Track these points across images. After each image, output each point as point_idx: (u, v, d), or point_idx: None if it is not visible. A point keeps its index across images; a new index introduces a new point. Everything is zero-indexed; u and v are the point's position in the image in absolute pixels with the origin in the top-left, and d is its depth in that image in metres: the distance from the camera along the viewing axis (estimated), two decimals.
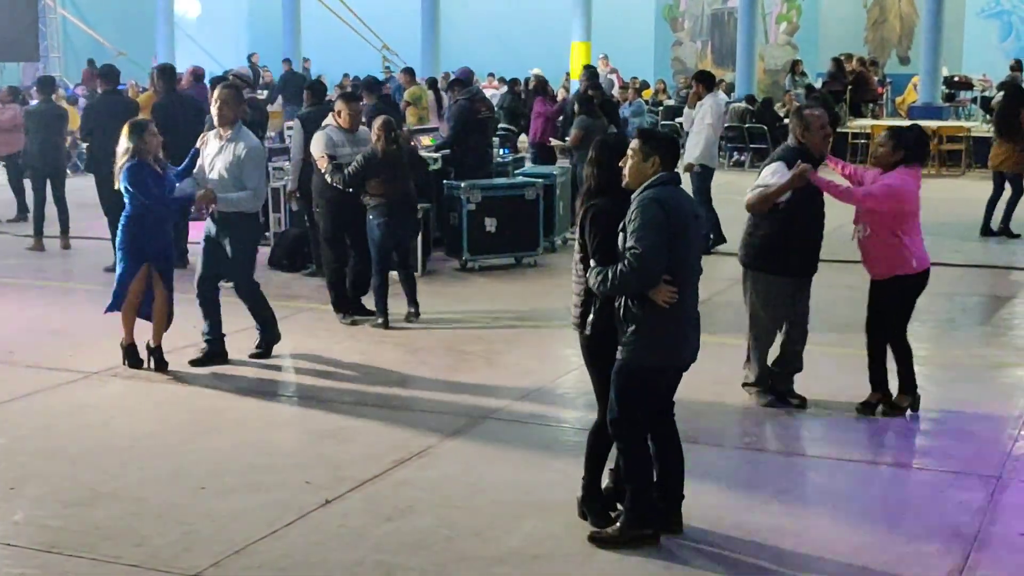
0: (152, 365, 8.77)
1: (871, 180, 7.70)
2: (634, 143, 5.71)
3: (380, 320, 10.15)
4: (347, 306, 10.48)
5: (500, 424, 7.74)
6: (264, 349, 9.27)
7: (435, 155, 13.67)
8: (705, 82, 14.38)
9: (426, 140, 14.49)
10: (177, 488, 6.58)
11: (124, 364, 8.81)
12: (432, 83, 21.68)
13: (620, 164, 5.71)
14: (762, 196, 7.52)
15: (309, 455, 7.20)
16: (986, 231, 14.74)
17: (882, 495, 6.68)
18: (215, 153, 8.90)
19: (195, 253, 9.65)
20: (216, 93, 9.06)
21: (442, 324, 10.27)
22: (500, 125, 18.00)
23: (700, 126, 13.75)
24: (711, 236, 13.43)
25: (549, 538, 5.92)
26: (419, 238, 11.92)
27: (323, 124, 10.61)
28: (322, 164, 10.20)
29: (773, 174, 7.54)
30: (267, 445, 7.37)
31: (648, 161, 5.64)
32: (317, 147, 10.38)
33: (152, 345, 8.80)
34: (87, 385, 8.59)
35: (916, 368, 7.87)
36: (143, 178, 8.51)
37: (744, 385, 8.01)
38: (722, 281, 10.87)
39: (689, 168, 13.36)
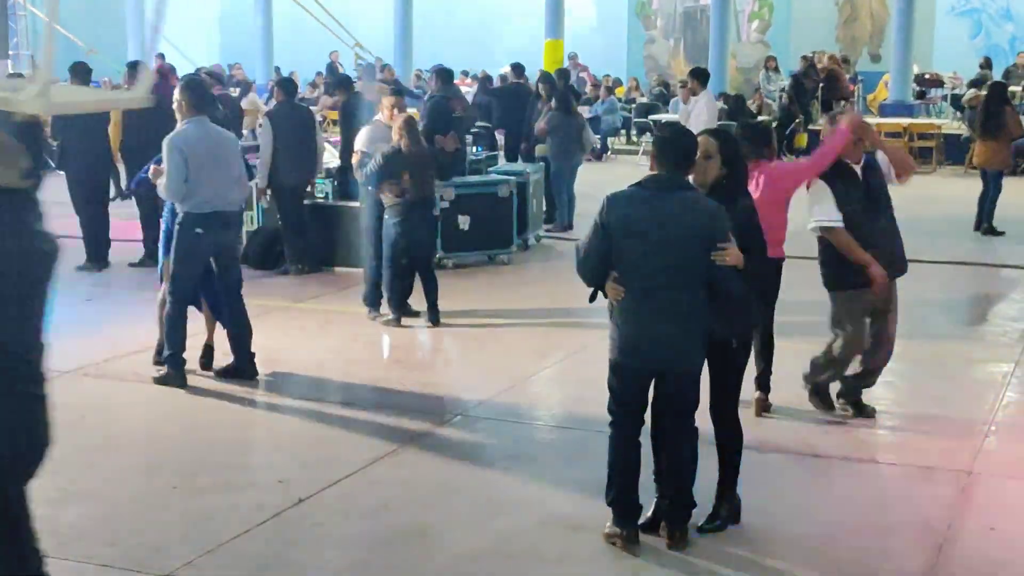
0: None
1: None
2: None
3: (394, 316, 10.09)
4: (378, 302, 10.33)
5: (473, 422, 7.74)
6: (159, 375, 8.52)
7: None
8: (700, 78, 14.61)
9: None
10: (150, 488, 6.56)
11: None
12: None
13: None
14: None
15: (282, 455, 7.18)
16: (980, 227, 14.81)
17: (854, 490, 6.71)
18: None
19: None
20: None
21: (414, 322, 10.25)
22: (479, 123, 18.02)
23: (697, 123, 13.84)
24: None
25: (522, 536, 5.93)
26: None
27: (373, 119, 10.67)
28: (354, 159, 10.18)
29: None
30: (239, 445, 7.35)
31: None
32: (360, 141, 10.37)
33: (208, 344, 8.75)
34: (60, 384, 8.51)
35: (888, 364, 7.88)
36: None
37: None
38: None
39: None
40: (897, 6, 25.86)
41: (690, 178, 5.70)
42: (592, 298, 5.78)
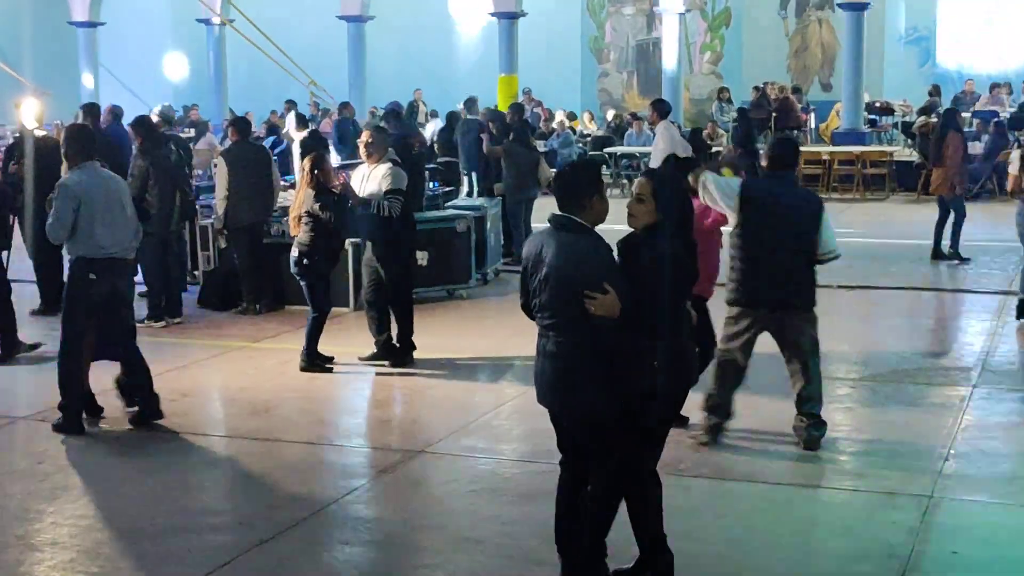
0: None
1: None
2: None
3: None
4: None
5: (435, 458, 7.70)
6: (56, 422, 8.22)
7: None
8: (658, 109, 14.94)
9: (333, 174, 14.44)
10: (107, 531, 6.47)
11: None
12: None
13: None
14: None
15: (243, 495, 7.11)
16: (937, 255, 14.86)
17: (816, 518, 6.73)
18: None
19: None
20: None
21: (375, 359, 10.19)
22: (443, 159, 18.16)
23: (655, 151, 14.35)
24: None
25: (487, 572, 5.89)
26: (350, 273, 11.88)
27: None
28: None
29: None
30: (199, 486, 7.27)
31: None
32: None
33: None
34: (13, 430, 8.43)
35: (847, 391, 7.93)
36: None
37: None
38: None
39: None
40: (846, 35, 26.15)
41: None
42: None
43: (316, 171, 9.69)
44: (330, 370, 9.80)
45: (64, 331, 8.21)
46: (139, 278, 10.57)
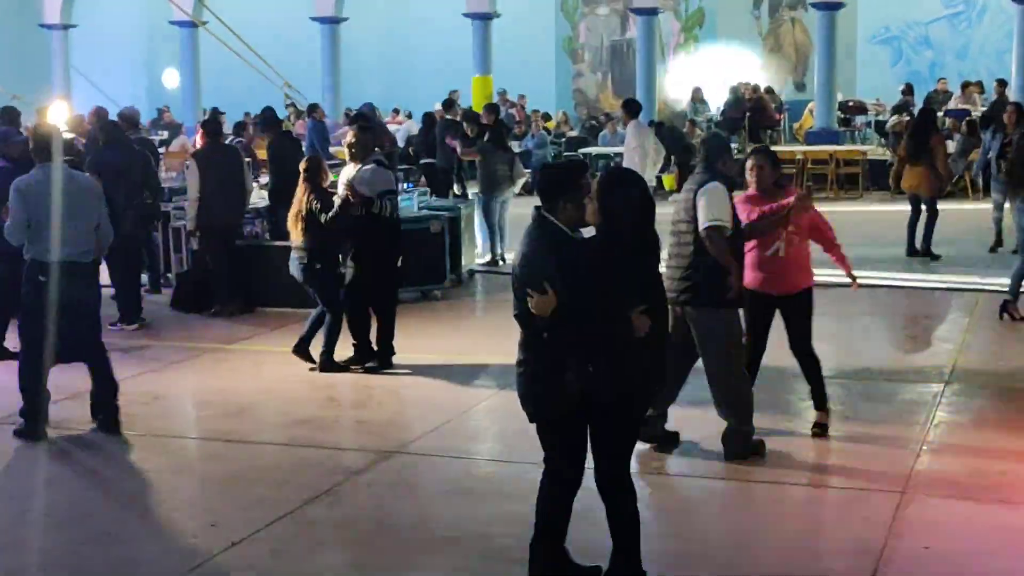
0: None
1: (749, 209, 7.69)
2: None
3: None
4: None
5: (409, 459, 7.68)
6: (17, 427, 8.14)
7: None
8: (627, 109, 15.05)
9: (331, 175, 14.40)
10: (78, 535, 6.43)
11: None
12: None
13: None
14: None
15: (215, 498, 7.08)
16: (912, 252, 14.94)
17: (789, 514, 6.74)
18: None
19: None
20: None
21: (353, 363, 10.16)
22: (425, 161, 18.21)
23: (627, 150, 14.45)
24: None
25: (463, 572, 5.88)
26: None
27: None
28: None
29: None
30: (171, 489, 7.23)
31: None
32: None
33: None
34: None
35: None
36: None
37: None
38: None
39: None
40: (819, 35, 26.27)
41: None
42: None
43: (312, 173, 9.67)
44: (346, 368, 9.77)
45: (22, 336, 8.16)
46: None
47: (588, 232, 5.44)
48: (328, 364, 9.72)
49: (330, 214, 9.49)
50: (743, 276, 7.34)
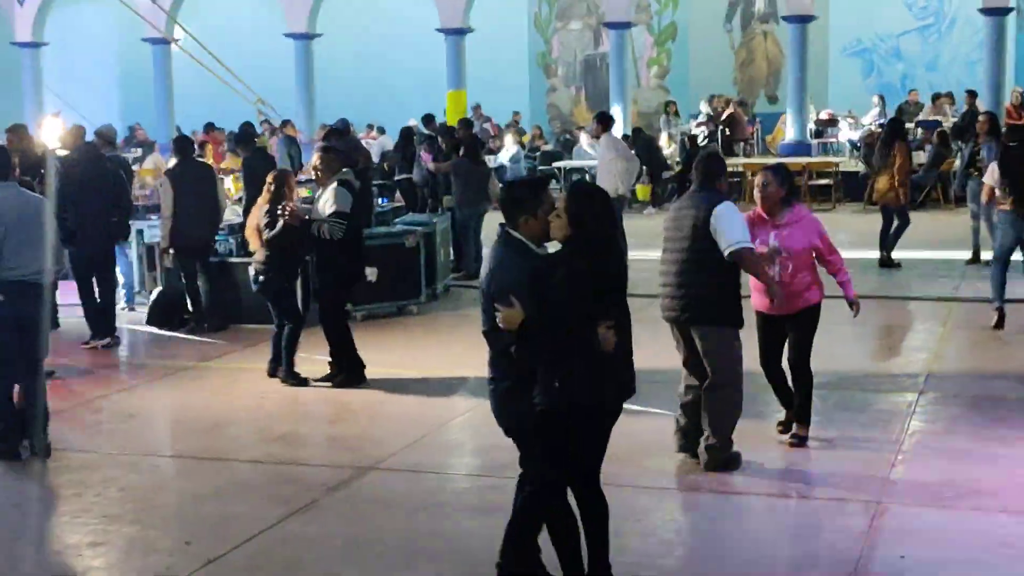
0: None
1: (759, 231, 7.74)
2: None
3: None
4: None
5: (386, 474, 7.66)
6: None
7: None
8: (601, 121, 15.12)
9: (303, 191, 14.38)
10: (54, 552, 6.39)
11: None
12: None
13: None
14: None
15: (190, 515, 7.04)
16: (883, 263, 14.97)
17: (764, 524, 6.75)
18: None
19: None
20: None
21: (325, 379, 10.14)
22: (400, 176, 18.21)
23: (601, 163, 14.55)
24: None
25: None
26: (299, 289, 11.80)
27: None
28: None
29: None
30: (147, 506, 7.19)
31: None
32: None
33: None
34: None
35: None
36: None
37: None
38: None
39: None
40: (791, 48, 26.44)
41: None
42: None
43: (277, 187, 9.72)
44: (306, 382, 9.83)
45: None
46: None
47: (553, 247, 5.46)
48: (290, 376, 9.82)
49: (273, 232, 9.57)
50: (739, 295, 7.42)
